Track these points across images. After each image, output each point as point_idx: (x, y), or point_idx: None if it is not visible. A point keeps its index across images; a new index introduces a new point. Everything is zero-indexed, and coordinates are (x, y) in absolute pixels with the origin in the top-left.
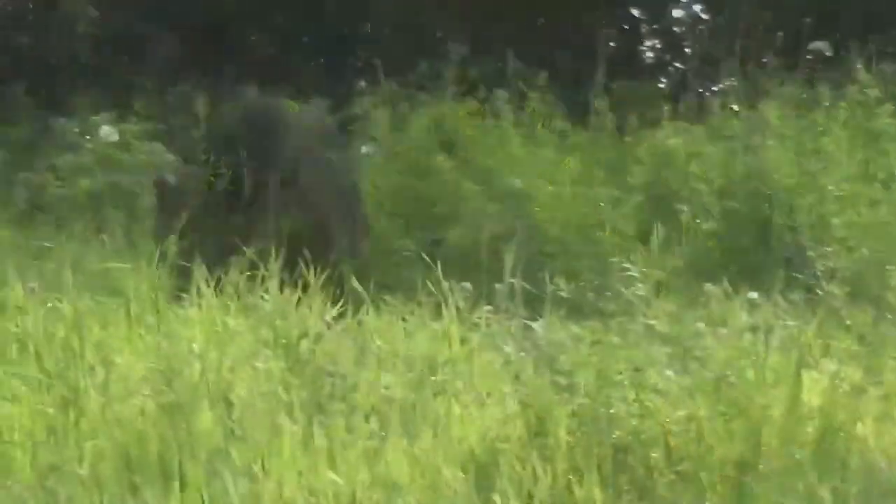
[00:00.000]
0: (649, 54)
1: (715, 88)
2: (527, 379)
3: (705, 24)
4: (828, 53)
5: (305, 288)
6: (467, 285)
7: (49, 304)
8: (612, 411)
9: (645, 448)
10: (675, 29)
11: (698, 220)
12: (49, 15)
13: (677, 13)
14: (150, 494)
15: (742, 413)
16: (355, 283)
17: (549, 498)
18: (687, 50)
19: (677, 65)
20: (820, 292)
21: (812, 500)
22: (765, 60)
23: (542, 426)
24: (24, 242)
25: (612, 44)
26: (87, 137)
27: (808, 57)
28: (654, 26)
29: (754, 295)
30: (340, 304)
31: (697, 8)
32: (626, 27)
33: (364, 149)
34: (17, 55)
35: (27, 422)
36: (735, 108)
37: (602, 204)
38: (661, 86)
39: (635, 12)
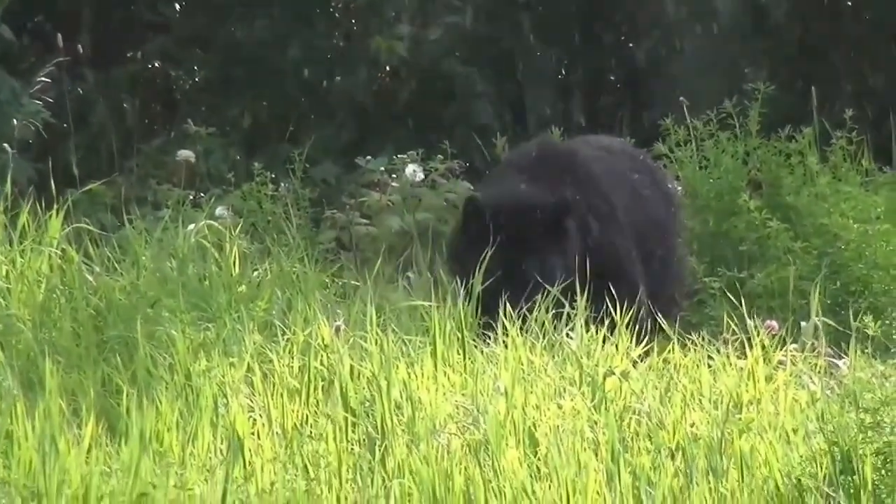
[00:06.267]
0: None
1: None
2: (832, 417)
3: None
4: None
5: (612, 326)
6: (773, 323)
7: (354, 343)
8: None
9: None
10: None
11: None
12: (357, 54)
13: None
14: None
15: None
16: (661, 321)
17: None
18: None
19: None
20: None
21: None
22: None
23: (848, 464)
24: (329, 281)
25: None
26: (394, 176)
27: None
28: None
29: None
30: (646, 341)
31: None
32: None
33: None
34: (327, 92)
35: (333, 460)
36: None
37: None
38: None
39: None
